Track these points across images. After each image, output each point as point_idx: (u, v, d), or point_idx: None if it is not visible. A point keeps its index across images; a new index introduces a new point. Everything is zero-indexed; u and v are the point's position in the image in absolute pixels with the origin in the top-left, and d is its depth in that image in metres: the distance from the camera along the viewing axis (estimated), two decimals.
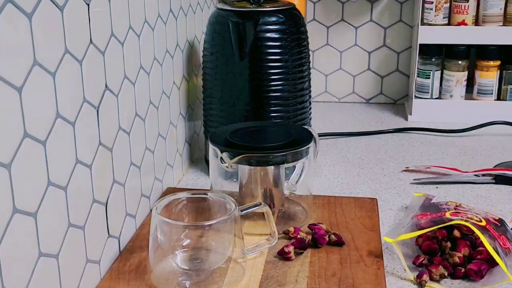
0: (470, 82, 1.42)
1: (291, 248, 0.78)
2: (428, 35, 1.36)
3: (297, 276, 0.74)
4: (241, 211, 0.74)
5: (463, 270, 0.75)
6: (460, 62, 1.39)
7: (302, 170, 0.88)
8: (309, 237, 0.81)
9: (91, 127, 0.70)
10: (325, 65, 1.56)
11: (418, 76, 1.41)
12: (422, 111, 1.40)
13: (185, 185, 1.05)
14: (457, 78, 1.39)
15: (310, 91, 1.07)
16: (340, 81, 1.57)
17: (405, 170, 1.11)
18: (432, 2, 1.35)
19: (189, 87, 1.10)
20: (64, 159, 0.63)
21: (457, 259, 0.76)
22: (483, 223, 0.76)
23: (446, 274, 0.75)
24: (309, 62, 1.06)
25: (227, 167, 0.81)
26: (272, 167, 0.85)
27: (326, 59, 1.55)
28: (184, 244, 0.73)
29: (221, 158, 0.81)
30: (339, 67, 1.56)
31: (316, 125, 1.32)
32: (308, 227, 0.84)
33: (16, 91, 0.53)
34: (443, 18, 1.36)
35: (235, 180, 0.87)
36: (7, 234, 0.52)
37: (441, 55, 1.41)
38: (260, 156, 0.82)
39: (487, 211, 0.83)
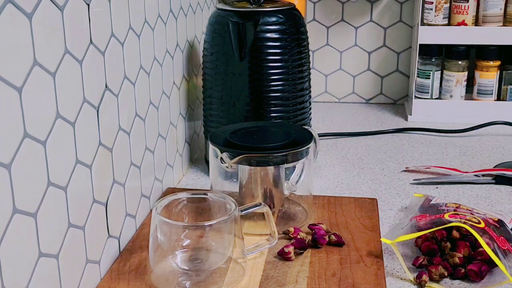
0: (470, 82, 1.42)
1: (291, 248, 0.78)
2: (428, 35, 1.36)
3: (297, 276, 0.74)
4: (241, 211, 0.74)
5: (463, 270, 0.75)
6: (460, 62, 1.39)
7: (302, 170, 0.88)
8: (309, 237, 0.81)
9: (91, 127, 0.70)
10: (325, 65, 1.56)
11: (418, 76, 1.41)
12: (422, 111, 1.40)
13: (185, 185, 1.05)
14: (457, 78, 1.39)
15: (310, 91, 1.07)
16: (340, 81, 1.57)
17: (405, 170, 1.11)
18: (432, 2, 1.35)
19: (189, 87, 1.10)
20: (64, 159, 0.63)
21: (457, 260, 0.76)
22: (482, 224, 0.76)
23: (446, 274, 0.75)
24: (309, 62, 1.06)
25: (227, 167, 0.81)
26: (272, 167, 0.85)
27: (326, 59, 1.55)
28: (184, 244, 0.73)
29: (221, 158, 0.81)
30: (339, 67, 1.56)
31: (316, 125, 1.32)
32: (308, 227, 0.84)
33: (16, 91, 0.53)
34: (443, 18, 1.36)
35: (235, 180, 0.87)
36: (7, 234, 0.52)
37: (441, 55, 1.41)
38: (260, 156, 0.82)
39: (486, 212, 0.83)
